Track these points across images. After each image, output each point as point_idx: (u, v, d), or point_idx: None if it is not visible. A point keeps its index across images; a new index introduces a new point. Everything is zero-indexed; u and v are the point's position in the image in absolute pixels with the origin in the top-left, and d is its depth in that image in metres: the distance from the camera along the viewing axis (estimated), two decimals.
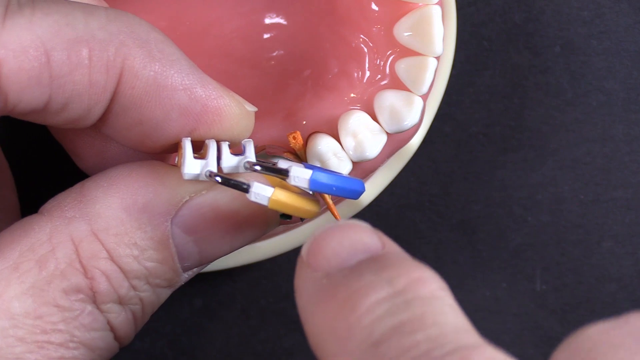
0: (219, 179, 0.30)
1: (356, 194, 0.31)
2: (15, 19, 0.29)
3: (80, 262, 0.30)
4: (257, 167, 0.31)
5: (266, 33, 0.43)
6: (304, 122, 0.41)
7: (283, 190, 0.30)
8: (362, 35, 0.40)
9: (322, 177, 0.30)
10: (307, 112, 0.41)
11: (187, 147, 0.31)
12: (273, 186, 0.30)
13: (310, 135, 0.40)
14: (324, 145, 0.39)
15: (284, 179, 0.30)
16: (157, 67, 0.31)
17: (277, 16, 0.42)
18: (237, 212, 0.32)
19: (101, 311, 0.30)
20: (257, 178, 0.31)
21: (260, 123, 0.39)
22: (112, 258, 0.30)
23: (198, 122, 0.31)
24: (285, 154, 0.40)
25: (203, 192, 0.31)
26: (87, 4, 0.31)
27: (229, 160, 0.31)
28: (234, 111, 0.32)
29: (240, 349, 0.47)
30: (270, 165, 0.31)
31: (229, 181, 0.30)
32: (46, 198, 0.31)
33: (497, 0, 0.46)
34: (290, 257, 0.45)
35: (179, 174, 0.31)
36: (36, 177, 0.46)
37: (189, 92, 0.31)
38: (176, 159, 0.32)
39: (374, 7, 0.40)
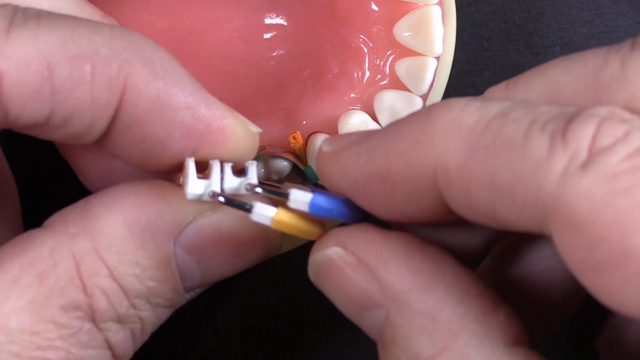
0: (222, 199, 0.30)
1: (355, 220, 0.31)
2: (19, 31, 0.29)
3: (81, 279, 0.30)
4: (258, 190, 0.31)
5: (266, 33, 0.43)
6: (304, 122, 0.41)
7: (286, 211, 0.30)
8: (362, 35, 0.40)
9: (322, 202, 0.30)
10: (307, 112, 0.41)
11: (191, 167, 0.31)
12: (276, 206, 0.30)
13: (310, 135, 0.40)
14: None
15: (285, 202, 0.30)
16: (160, 85, 0.30)
17: (277, 16, 0.43)
18: (240, 235, 0.32)
19: (100, 329, 0.30)
20: (261, 199, 0.31)
21: (260, 123, 0.39)
22: (113, 276, 0.30)
23: (201, 141, 0.31)
24: (285, 153, 0.40)
25: (207, 214, 0.31)
26: (92, 20, 0.30)
27: (231, 182, 0.31)
28: (238, 131, 0.32)
29: (240, 349, 0.47)
30: (270, 188, 0.31)
31: (232, 201, 0.30)
32: (50, 210, 0.31)
33: (497, 0, 0.46)
34: (291, 257, 0.45)
35: (184, 194, 0.31)
36: (40, 189, 0.46)
37: (192, 112, 0.31)
38: (181, 180, 0.32)
39: (374, 7, 0.40)
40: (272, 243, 0.32)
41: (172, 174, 0.34)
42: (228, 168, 0.31)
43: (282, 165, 0.40)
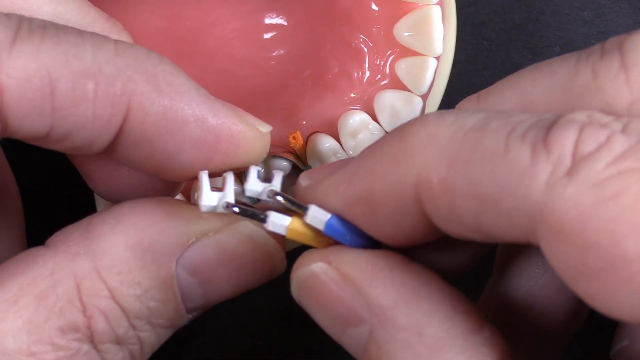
0: (236, 209, 0.30)
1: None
2: (23, 45, 0.28)
3: (81, 299, 0.29)
4: (279, 198, 0.31)
5: (266, 33, 0.43)
6: (304, 122, 0.41)
7: (300, 220, 0.30)
8: (362, 35, 0.40)
9: (338, 225, 0.30)
10: (307, 112, 0.41)
11: (205, 180, 0.31)
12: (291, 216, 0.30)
13: (310, 135, 0.40)
14: (324, 145, 0.39)
15: (302, 216, 0.30)
16: (165, 101, 0.30)
17: (277, 16, 0.42)
18: (243, 256, 0.31)
19: (98, 351, 0.30)
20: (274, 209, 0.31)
21: None
22: (113, 297, 0.30)
23: (212, 152, 0.31)
24: (285, 154, 0.40)
25: (210, 234, 0.31)
26: (97, 34, 0.30)
27: (255, 185, 0.31)
28: (248, 136, 0.32)
29: (239, 349, 0.47)
30: (291, 198, 0.31)
31: (246, 212, 0.30)
32: (53, 214, 0.31)
33: (497, 0, 0.46)
34: (290, 258, 0.45)
35: (188, 214, 0.31)
36: (43, 190, 0.46)
37: (200, 124, 0.31)
38: (195, 195, 0.32)
39: (374, 7, 0.40)
40: (276, 265, 0.32)
41: (185, 181, 0.33)
42: (254, 172, 0.31)
43: (282, 165, 0.40)
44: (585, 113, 0.25)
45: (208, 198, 0.31)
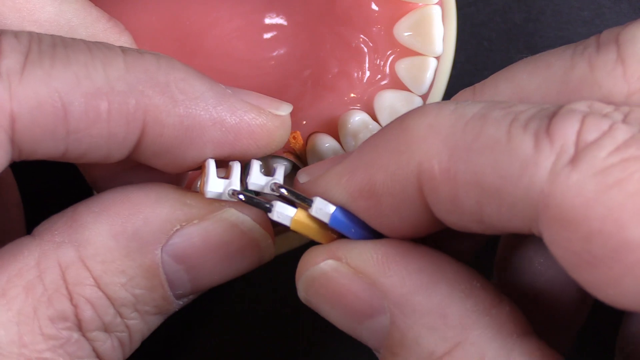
0: (242, 197, 0.30)
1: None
2: (33, 71, 0.28)
3: (67, 288, 0.30)
4: (283, 190, 0.31)
5: (266, 33, 0.43)
6: (304, 122, 0.41)
7: (305, 212, 0.30)
8: (362, 35, 0.40)
9: (343, 217, 0.30)
10: (307, 112, 0.41)
11: (211, 167, 0.31)
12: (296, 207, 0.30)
13: (310, 135, 0.40)
14: (324, 145, 0.39)
15: (307, 208, 0.30)
16: (181, 110, 0.30)
17: (277, 16, 0.42)
18: (229, 243, 0.32)
19: (87, 339, 0.30)
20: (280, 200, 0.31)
21: None
22: (98, 285, 0.30)
23: (234, 149, 0.31)
24: (285, 154, 0.40)
25: (194, 222, 0.31)
26: (105, 46, 0.30)
27: (258, 179, 0.31)
28: (268, 128, 0.32)
29: (239, 348, 0.47)
30: (295, 191, 0.31)
31: (252, 200, 0.30)
32: (52, 206, 0.31)
33: (497, 0, 0.46)
34: (290, 257, 0.45)
35: (172, 201, 0.31)
36: (44, 186, 0.46)
37: (219, 126, 0.31)
38: (199, 182, 0.32)
39: (374, 7, 0.40)
40: (264, 252, 0.32)
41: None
42: (256, 166, 0.32)
43: (282, 165, 0.40)
44: (586, 103, 0.25)
45: (214, 185, 0.31)
